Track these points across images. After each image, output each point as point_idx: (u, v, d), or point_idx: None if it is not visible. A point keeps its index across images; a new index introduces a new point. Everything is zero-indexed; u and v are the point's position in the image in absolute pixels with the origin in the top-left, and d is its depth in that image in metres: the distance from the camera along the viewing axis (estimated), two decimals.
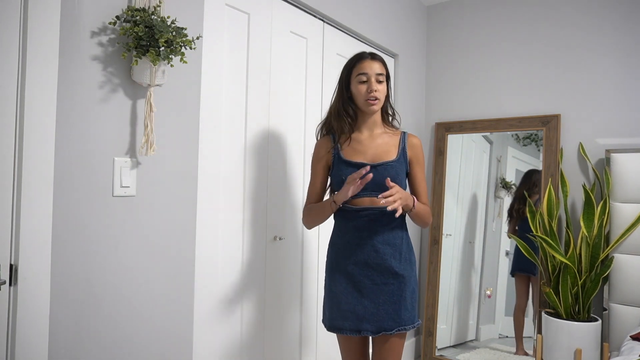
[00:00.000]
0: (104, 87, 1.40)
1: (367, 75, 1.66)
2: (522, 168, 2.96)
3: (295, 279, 2.20)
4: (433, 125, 3.27)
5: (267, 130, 2.02)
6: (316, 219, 1.76)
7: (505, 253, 3.00)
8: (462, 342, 3.07)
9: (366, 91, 1.66)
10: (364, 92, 1.66)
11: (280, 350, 2.11)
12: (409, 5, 3.12)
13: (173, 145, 1.60)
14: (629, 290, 2.39)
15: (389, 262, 1.62)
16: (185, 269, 1.65)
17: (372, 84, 1.65)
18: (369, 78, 1.66)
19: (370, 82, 1.66)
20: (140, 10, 1.39)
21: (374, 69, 1.67)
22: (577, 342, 2.36)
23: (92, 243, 1.38)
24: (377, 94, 1.65)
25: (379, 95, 1.67)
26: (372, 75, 1.66)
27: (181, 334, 1.64)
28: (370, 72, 1.66)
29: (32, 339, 1.23)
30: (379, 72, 1.67)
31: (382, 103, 1.70)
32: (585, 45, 2.76)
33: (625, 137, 2.62)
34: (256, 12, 1.96)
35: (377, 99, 1.66)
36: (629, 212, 2.43)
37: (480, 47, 3.12)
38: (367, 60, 1.69)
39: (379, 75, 1.67)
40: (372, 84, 1.65)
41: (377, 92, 1.66)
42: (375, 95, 1.65)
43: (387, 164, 1.65)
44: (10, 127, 1.20)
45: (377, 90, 1.65)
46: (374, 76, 1.66)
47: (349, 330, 1.63)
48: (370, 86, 1.65)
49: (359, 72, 1.67)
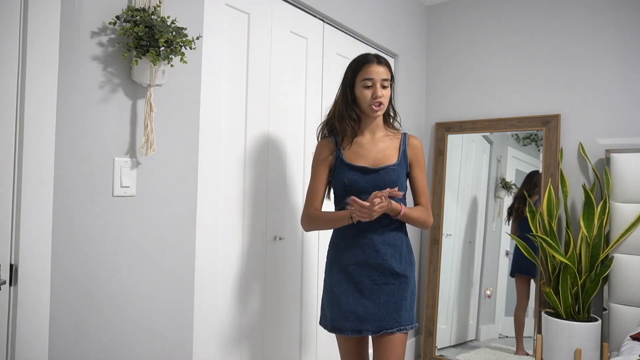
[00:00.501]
0: (104, 87, 1.40)
1: (372, 80, 1.64)
2: (522, 168, 2.96)
3: (295, 279, 2.20)
4: (433, 125, 3.27)
5: (266, 130, 2.02)
6: (324, 227, 1.74)
7: (505, 253, 3.00)
8: (462, 342, 3.07)
9: (371, 97, 1.65)
10: (369, 98, 1.65)
11: (281, 349, 2.11)
12: (409, 5, 3.12)
13: (173, 145, 1.60)
14: (628, 290, 2.39)
15: (389, 262, 1.62)
16: (185, 269, 1.65)
17: (377, 89, 1.64)
18: (374, 83, 1.64)
19: (375, 87, 1.64)
20: (140, 10, 1.39)
21: (380, 74, 1.65)
22: (577, 342, 2.36)
23: (92, 243, 1.38)
24: (382, 99, 1.65)
25: (384, 101, 1.66)
26: (378, 81, 1.64)
27: (181, 333, 1.64)
28: (376, 78, 1.64)
29: (32, 339, 1.23)
30: (384, 77, 1.65)
31: (385, 108, 1.70)
32: (585, 45, 2.76)
33: (625, 137, 2.62)
34: (256, 12, 1.97)
35: (381, 104, 1.65)
36: (628, 212, 2.43)
37: (480, 47, 3.12)
38: (374, 64, 1.66)
39: (384, 81, 1.65)
40: (378, 90, 1.64)
41: (382, 97, 1.65)
42: (380, 100, 1.65)
43: (388, 167, 1.65)
44: (10, 127, 1.20)
45: (382, 96, 1.65)
46: (380, 82, 1.64)
47: (350, 331, 1.63)
48: (375, 92, 1.64)
49: (364, 77, 1.65)
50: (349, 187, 1.65)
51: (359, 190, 1.64)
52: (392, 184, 1.62)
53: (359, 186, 1.64)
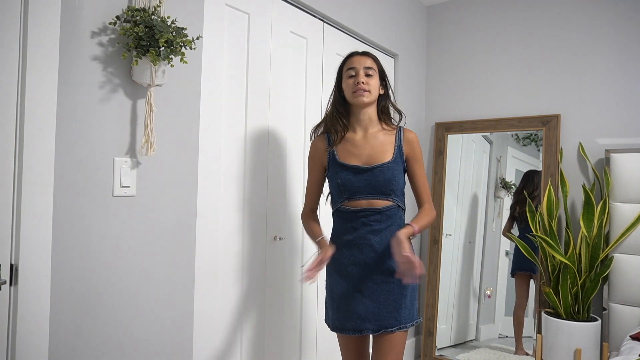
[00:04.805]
0: (104, 87, 1.40)
1: (355, 69, 1.67)
2: (522, 168, 2.96)
3: (295, 279, 2.20)
4: (433, 125, 3.27)
5: (267, 130, 2.02)
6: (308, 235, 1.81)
7: (505, 253, 3.00)
8: (462, 342, 3.07)
9: (353, 83, 1.66)
10: (352, 85, 1.66)
11: (281, 349, 2.11)
12: (409, 6, 3.12)
13: (173, 145, 1.60)
14: (628, 290, 2.39)
15: (388, 261, 1.62)
16: (185, 269, 1.65)
17: (359, 76, 1.65)
18: (357, 72, 1.66)
19: (358, 74, 1.66)
20: (141, 11, 1.39)
21: (362, 63, 1.67)
22: (577, 342, 2.36)
23: (92, 243, 1.38)
24: (364, 86, 1.64)
25: (367, 87, 1.65)
26: (360, 69, 1.66)
27: (181, 333, 1.64)
28: (358, 66, 1.67)
29: (32, 339, 1.23)
30: (367, 65, 1.67)
31: (372, 97, 1.67)
32: (585, 45, 2.76)
33: (625, 137, 2.62)
34: (256, 12, 1.97)
35: (365, 90, 1.64)
36: (628, 212, 2.43)
37: (480, 47, 3.12)
38: (357, 56, 1.71)
39: (367, 69, 1.67)
40: (360, 76, 1.65)
41: (365, 84, 1.64)
42: (363, 87, 1.64)
43: (382, 165, 1.63)
44: (10, 127, 1.20)
45: (364, 82, 1.64)
46: (362, 69, 1.66)
47: (351, 330, 1.63)
48: (357, 78, 1.65)
49: (348, 68, 1.69)
50: (343, 187, 1.65)
51: (353, 190, 1.64)
52: (386, 183, 1.62)
53: (353, 186, 1.64)
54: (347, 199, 1.65)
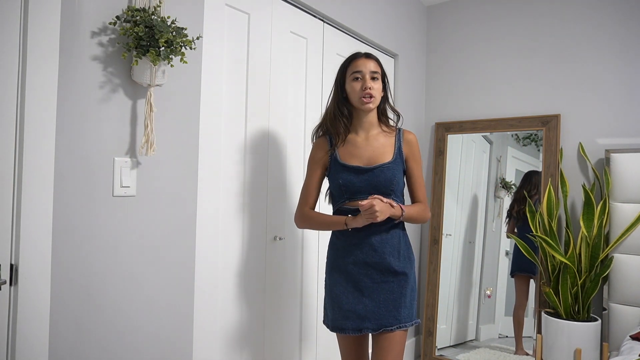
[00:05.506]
0: (104, 87, 1.40)
1: (361, 73, 1.66)
2: (522, 168, 2.96)
3: (295, 279, 2.20)
4: (433, 125, 3.27)
5: (267, 130, 2.02)
6: (318, 228, 1.77)
7: (505, 253, 3.01)
8: (462, 342, 3.07)
9: (360, 88, 1.66)
10: (358, 90, 1.66)
11: (281, 349, 2.11)
12: (409, 5, 3.12)
13: (173, 145, 1.60)
14: (628, 290, 2.40)
15: (388, 260, 1.62)
16: (185, 269, 1.65)
17: (366, 81, 1.65)
18: (363, 76, 1.66)
19: (364, 79, 1.66)
20: (141, 11, 1.39)
21: (368, 66, 1.67)
22: (577, 342, 2.36)
23: (92, 243, 1.38)
24: (371, 92, 1.65)
25: (374, 93, 1.66)
26: (367, 73, 1.66)
27: (181, 333, 1.64)
28: (364, 70, 1.66)
29: (32, 339, 1.23)
30: (373, 69, 1.67)
31: (377, 102, 1.70)
32: (585, 45, 2.76)
33: (625, 137, 2.62)
34: (256, 12, 1.97)
35: (372, 96, 1.66)
36: (628, 212, 2.43)
37: (480, 47, 3.12)
38: (362, 58, 1.69)
39: (373, 73, 1.67)
40: (367, 81, 1.65)
41: (372, 89, 1.65)
42: (370, 92, 1.65)
43: (383, 166, 1.65)
44: (10, 127, 1.20)
45: (371, 88, 1.65)
46: (368, 73, 1.66)
47: (351, 330, 1.63)
48: (364, 83, 1.65)
49: (353, 71, 1.68)
50: (344, 187, 1.66)
51: (354, 191, 1.65)
52: (387, 182, 1.63)
53: (354, 186, 1.65)
54: (348, 199, 1.66)
